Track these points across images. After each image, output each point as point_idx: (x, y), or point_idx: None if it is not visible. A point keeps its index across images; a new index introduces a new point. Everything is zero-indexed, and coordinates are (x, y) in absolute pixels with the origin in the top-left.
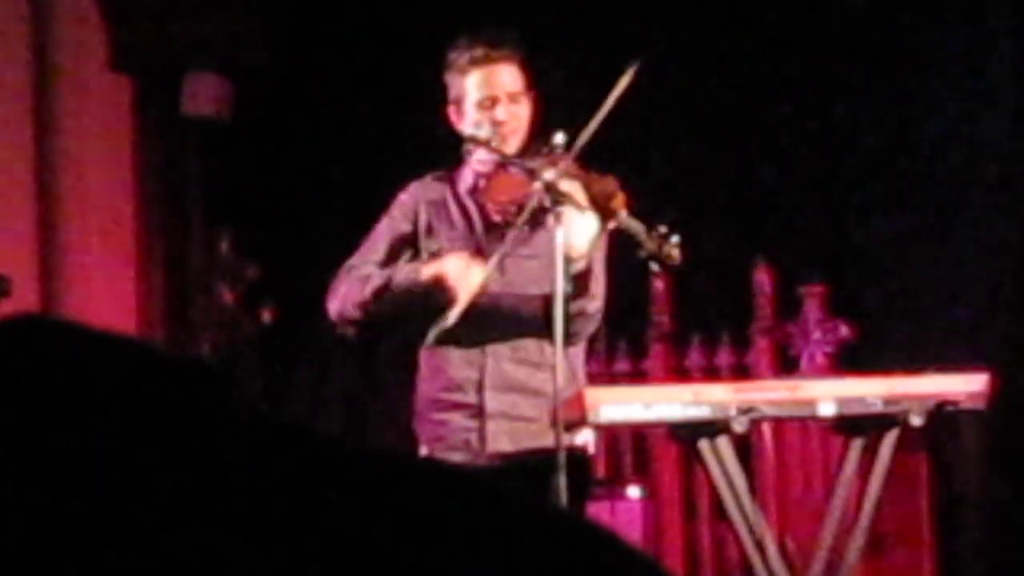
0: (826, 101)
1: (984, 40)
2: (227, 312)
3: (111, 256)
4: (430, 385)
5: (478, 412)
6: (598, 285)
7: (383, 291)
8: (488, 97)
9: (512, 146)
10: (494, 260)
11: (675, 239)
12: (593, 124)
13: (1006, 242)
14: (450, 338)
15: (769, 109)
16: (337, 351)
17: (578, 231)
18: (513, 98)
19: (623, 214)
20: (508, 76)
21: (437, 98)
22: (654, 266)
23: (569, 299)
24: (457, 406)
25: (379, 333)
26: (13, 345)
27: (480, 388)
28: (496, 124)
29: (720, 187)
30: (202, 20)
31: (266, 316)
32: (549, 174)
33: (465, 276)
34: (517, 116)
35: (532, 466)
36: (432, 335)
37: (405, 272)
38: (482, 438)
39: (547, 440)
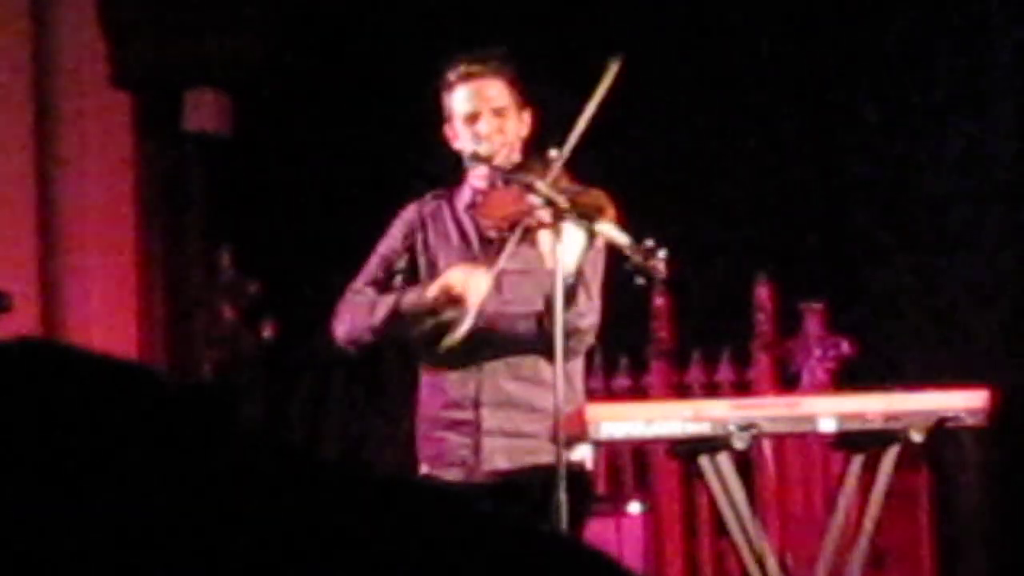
0: (828, 118)
1: (985, 54)
2: (228, 328)
3: (112, 272)
4: (429, 404)
5: (475, 429)
6: (592, 301)
7: (392, 315)
8: (471, 112)
9: (501, 161)
10: (497, 266)
11: (662, 253)
12: (581, 122)
13: (1009, 257)
14: (448, 357)
15: (770, 126)
16: (337, 367)
17: (565, 245)
18: (498, 112)
19: (608, 226)
20: (493, 91)
21: (437, 115)
22: (639, 279)
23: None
24: (455, 424)
25: (380, 348)
26: (16, 369)
27: (477, 405)
28: (479, 138)
29: (721, 203)
30: (202, 37)
31: (267, 332)
32: (540, 186)
33: (471, 281)
34: (501, 131)
35: (529, 483)
36: (446, 343)
37: (411, 297)
38: (478, 455)
39: (544, 457)
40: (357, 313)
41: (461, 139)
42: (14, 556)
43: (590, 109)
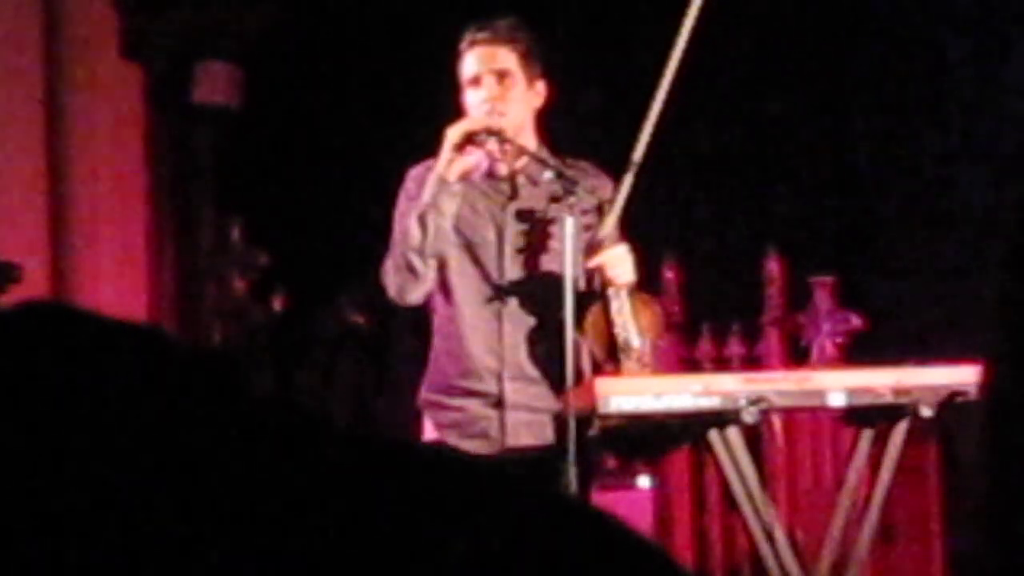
0: (838, 90)
1: (998, 31)
2: (238, 301)
3: (122, 244)
4: (445, 372)
5: (497, 402)
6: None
7: (422, 215)
8: (474, 75)
9: (504, 127)
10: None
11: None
12: (672, 62)
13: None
14: (470, 324)
15: (780, 99)
16: (347, 339)
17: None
18: (501, 76)
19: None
20: (499, 55)
21: (449, 87)
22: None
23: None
24: (474, 394)
25: (392, 317)
26: (24, 331)
27: (499, 378)
28: (482, 103)
29: (730, 178)
30: (213, 8)
31: (277, 304)
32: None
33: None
34: (503, 98)
35: (551, 458)
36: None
37: (427, 188)
38: (503, 429)
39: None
40: (394, 250)
41: (468, 107)
42: (21, 519)
43: (681, 41)
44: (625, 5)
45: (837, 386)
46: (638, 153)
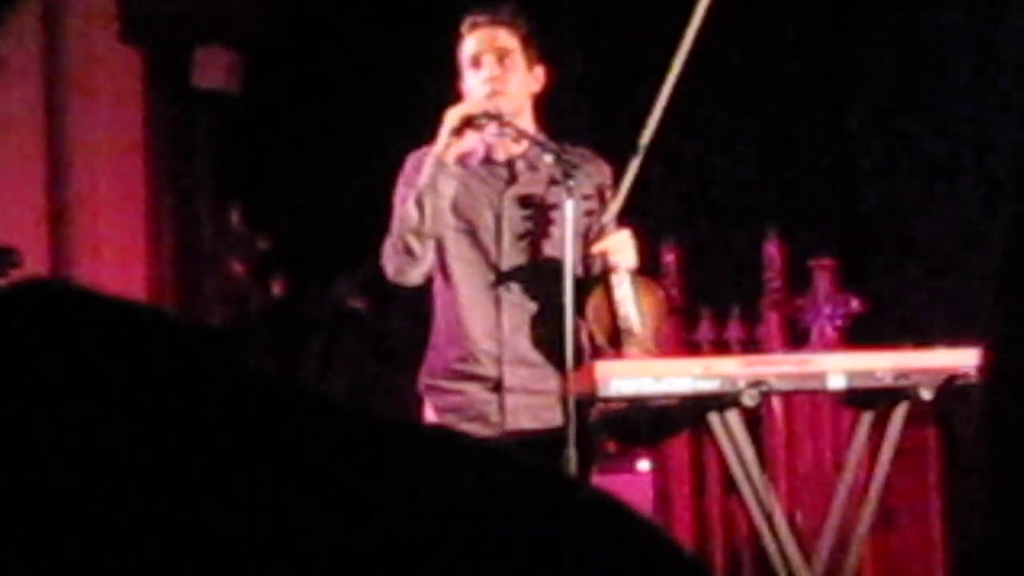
0: (837, 74)
1: (995, 9)
2: (237, 284)
3: (121, 229)
4: (445, 355)
5: (496, 386)
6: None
7: (420, 197)
8: (475, 54)
9: (503, 109)
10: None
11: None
12: (683, 47)
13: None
14: (469, 309)
15: (779, 82)
16: (347, 323)
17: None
18: (502, 56)
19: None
20: (500, 37)
21: (448, 70)
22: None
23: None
24: (474, 378)
25: (392, 301)
26: (24, 308)
27: (499, 362)
28: (483, 83)
29: (731, 160)
30: None
31: (276, 288)
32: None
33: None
34: (503, 79)
35: (552, 441)
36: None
37: (425, 170)
38: (502, 412)
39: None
40: (393, 233)
41: (468, 88)
42: (20, 503)
43: (690, 34)
44: None
45: (837, 369)
46: (646, 137)
